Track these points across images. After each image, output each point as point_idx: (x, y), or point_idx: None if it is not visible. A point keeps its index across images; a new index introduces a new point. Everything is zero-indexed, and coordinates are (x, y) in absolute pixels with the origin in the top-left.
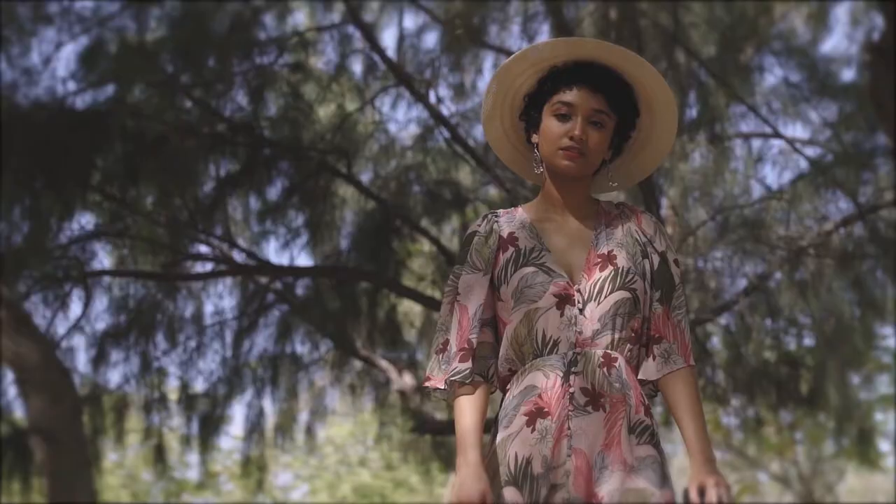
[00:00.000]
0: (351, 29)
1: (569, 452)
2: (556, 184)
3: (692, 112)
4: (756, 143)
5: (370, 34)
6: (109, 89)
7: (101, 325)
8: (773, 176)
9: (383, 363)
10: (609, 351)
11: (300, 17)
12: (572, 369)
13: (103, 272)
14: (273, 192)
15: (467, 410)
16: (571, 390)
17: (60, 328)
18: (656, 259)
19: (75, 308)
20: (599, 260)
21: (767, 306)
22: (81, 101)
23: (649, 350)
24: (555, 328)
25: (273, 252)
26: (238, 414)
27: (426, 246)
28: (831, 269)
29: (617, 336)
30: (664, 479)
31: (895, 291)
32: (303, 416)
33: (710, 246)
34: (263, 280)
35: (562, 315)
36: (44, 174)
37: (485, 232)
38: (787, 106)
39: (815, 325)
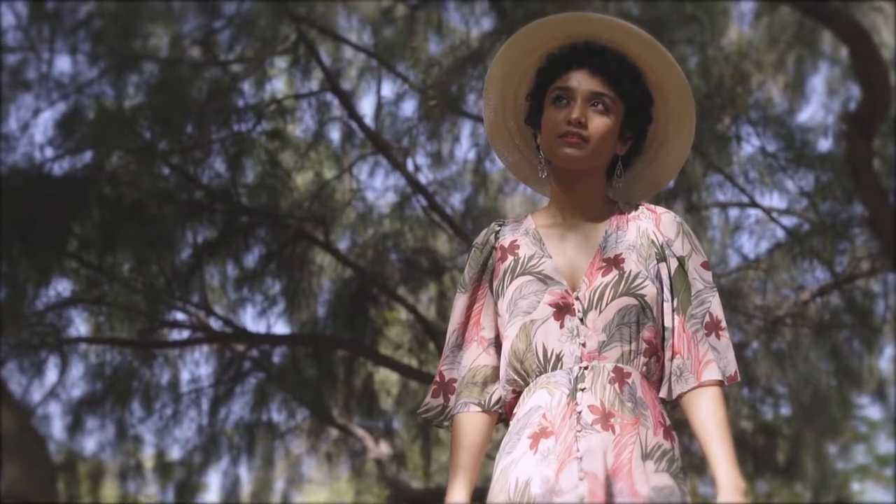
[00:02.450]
0: (329, 97)
1: (581, 475)
2: (561, 183)
3: (670, 182)
4: (733, 213)
5: (348, 102)
6: (87, 156)
7: (76, 393)
8: (749, 245)
9: (360, 431)
10: (621, 365)
11: (278, 85)
12: (579, 386)
13: (79, 339)
14: (250, 260)
15: (455, 444)
16: (578, 409)
17: (36, 395)
18: (674, 263)
19: (51, 375)
20: (604, 264)
21: (744, 376)
22: (59, 168)
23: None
24: (556, 341)
25: (250, 319)
26: (214, 482)
27: (403, 314)
28: (808, 339)
29: (628, 348)
30: None
31: (872, 361)
32: (279, 485)
33: None
34: (240, 348)
35: (562, 326)
36: (20, 240)
37: (481, 243)
38: (763, 175)
39: (792, 394)
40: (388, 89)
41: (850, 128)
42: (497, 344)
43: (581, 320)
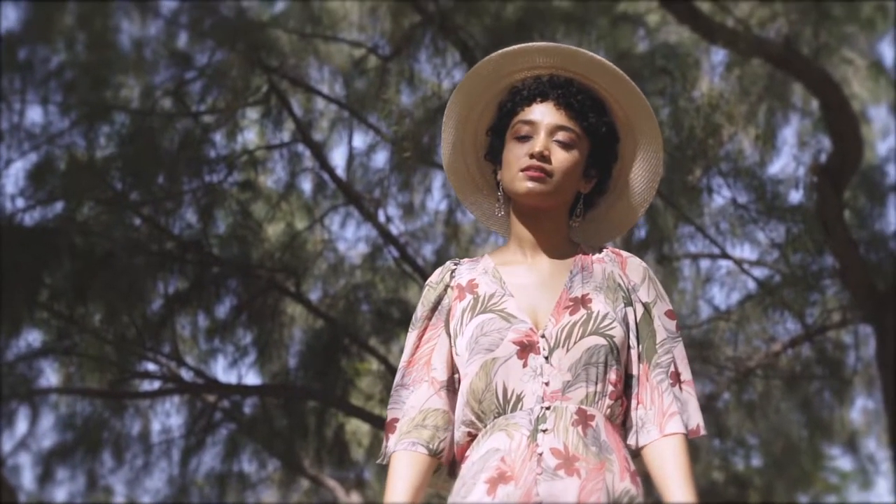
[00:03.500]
0: (301, 148)
1: None
2: (522, 220)
3: (640, 233)
4: (704, 264)
5: (320, 153)
6: (58, 206)
7: (47, 443)
8: (721, 296)
9: (331, 482)
10: (584, 407)
11: (250, 136)
12: (540, 427)
13: (50, 390)
14: (221, 311)
15: (394, 482)
16: (539, 451)
17: (6, 445)
18: (640, 309)
19: (21, 426)
20: (571, 303)
21: (716, 426)
22: (30, 218)
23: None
24: (517, 380)
25: (221, 370)
26: None
27: (374, 365)
28: (779, 390)
29: (593, 389)
30: None
31: (843, 412)
32: None
33: None
34: (211, 398)
35: (525, 365)
36: None
37: (435, 282)
38: (734, 227)
39: (764, 445)
40: (359, 140)
41: (820, 180)
42: (450, 387)
43: (546, 359)
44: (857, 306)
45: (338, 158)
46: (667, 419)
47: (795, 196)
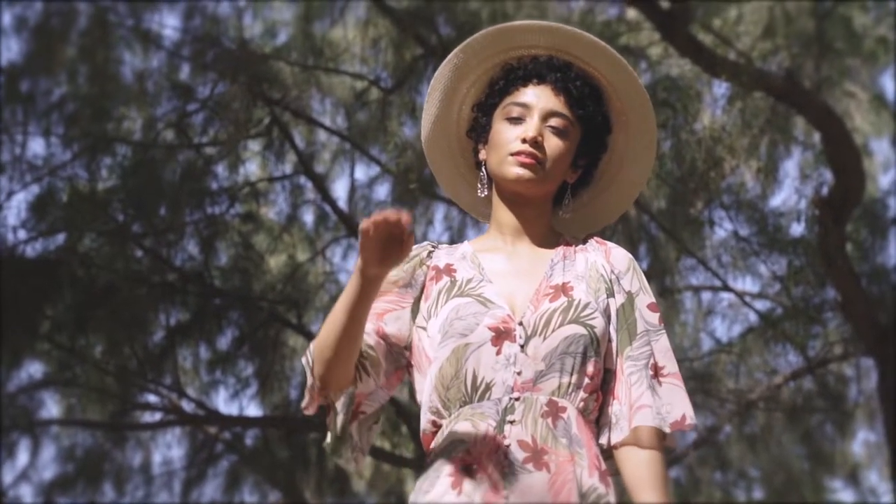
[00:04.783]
0: (303, 180)
1: None
2: (506, 205)
3: (642, 265)
4: (706, 296)
5: (321, 185)
6: (60, 238)
7: (48, 475)
8: (722, 329)
9: None
10: (556, 398)
11: (252, 168)
12: (508, 418)
13: (51, 421)
14: (223, 342)
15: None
16: (506, 443)
17: (7, 477)
18: (620, 299)
19: (22, 457)
20: (552, 291)
21: (717, 459)
22: (32, 250)
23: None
24: (488, 368)
25: (222, 402)
26: None
27: None
28: (781, 423)
29: (567, 380)
30: None
31: (844, 445)
32: None
33: None
34: (212, 430)
35: (498, 353)
36: None
37: (412, 255)
38: (736, 259)
39: (765, 478)
40: (361, 172)
41: (822, 212)
42: (387, 346)
43: (521, 347)
44: (858, 339)
45: (340, 190)
46: (635, 412)
47: (797, 229)
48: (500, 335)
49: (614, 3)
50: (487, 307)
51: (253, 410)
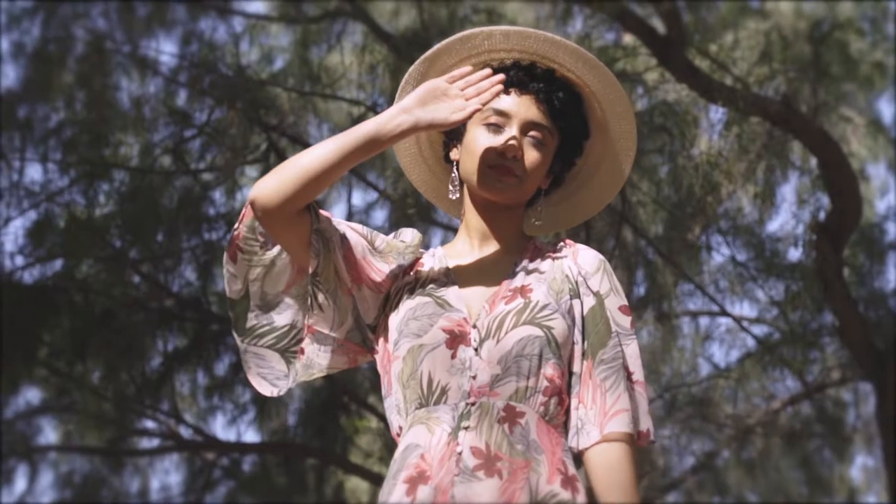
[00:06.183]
0: None
1: None
2: (477, 210)
3: (640, 290)
4: (703, 322)
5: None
6: (57, 264)
7: (46, 501)
8: (720, 354)
9: None
10: (514, 403)
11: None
12: (463, 424)
13: (49, 447)
14: (220, 368)
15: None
16: (459, 449)
17: (5, 503)
18: (590, 301)
19: (20, 483)
20: (509, 293)
21: (715, 484)
22: (29, 276)
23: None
24: (444, 372)
25: (220, 428)
26: None
27: (374, 422)
28: (779, 448)
29: (524, 384)
30: None
31: (843, 470)
32: None
33: (657, 424)
34: (210, 456)
35: (453, 356)
36: None
37: (413, 244)
38: (734, 284)
39: (764, 503)
40: (358, 198)
41: (819, 237)
42: (327, 250)
43: (476, 350)
44: (856, 364)
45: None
46: (609, 418)
47: (794, 254)
48: (455, 338)
49: (611, 28)
50: (444, 309)
51: (251, 436)
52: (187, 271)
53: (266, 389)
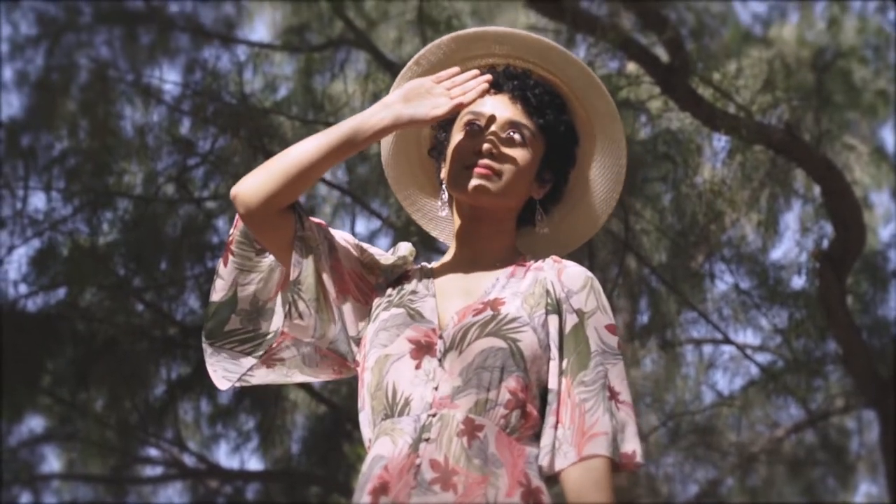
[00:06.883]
0: None
1: None
2: (463, 221)
3: (643, 318)
4: (707, 350)
5: None
6: (61, 292)
7: None
8: (724, 382)
9: None
10: (473, 416)
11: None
12: (424, 435)
13: (52, 476)
14: (224, 396)
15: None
16: (419, 462)
17: None
18: (571, 320)
19: None
20: (481, 305)
21: None
22: (32, 304)
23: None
24: (408, 383)
25: (224, 456)
26: None
27: None
28: (783, 476)
29: (484, 397)
30: None
31: (846, 498)
32: None
33: (661, 452)
34: (214, 484)
35: (418, 367)
36: None
37: (405, 255)
38: (737, 312)
39: None
40: (362, 226)
41: (823, 266)
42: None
43: (440, 361)
44: (860, 392)
45: None
46: (587, 440)
47: (798, 282)
48: (421, 349)
49: (614, 57)
50: (414, 320)
51: (254, 464)
52: (191, 299)
53: (223, 385)
